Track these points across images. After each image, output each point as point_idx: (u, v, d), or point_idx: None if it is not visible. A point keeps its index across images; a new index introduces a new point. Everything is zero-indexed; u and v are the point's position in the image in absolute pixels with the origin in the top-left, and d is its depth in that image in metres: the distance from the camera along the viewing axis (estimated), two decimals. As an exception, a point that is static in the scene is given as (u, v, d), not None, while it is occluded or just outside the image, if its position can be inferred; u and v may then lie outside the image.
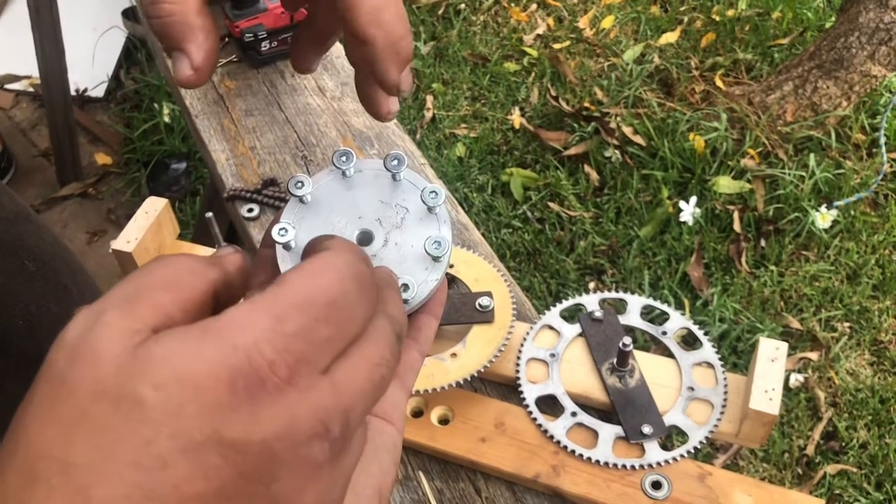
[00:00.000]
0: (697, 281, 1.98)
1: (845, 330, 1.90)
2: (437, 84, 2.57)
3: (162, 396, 0.24)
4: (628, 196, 2.15)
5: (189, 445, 0.23)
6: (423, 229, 0.41)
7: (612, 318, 0.85)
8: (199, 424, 0.23)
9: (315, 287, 0.27)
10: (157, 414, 0.23)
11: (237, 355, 0.24)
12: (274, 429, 0.24)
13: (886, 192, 2.14)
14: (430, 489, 0.76)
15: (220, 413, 0.24)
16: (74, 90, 2.65)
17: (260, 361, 0.25)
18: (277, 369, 0.25)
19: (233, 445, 0.24)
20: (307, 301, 0.27)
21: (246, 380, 0.24)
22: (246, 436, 0.24)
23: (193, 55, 0.36)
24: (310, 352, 0.26)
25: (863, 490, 1.65)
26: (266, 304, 0.26)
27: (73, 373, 0.25)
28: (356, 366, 0.28)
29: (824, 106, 2.19)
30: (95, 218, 2.45)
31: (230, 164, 1.09)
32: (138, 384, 0.24)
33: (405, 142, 1.11)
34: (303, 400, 0.25)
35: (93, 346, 0.25)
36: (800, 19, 2.59)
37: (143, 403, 0.23)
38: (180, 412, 0.23)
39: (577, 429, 0.78)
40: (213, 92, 1.20)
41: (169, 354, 0.24)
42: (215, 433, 0.24)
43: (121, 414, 0.23)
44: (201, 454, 0.23)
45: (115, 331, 0.25)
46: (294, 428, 0.25)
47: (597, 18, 2.74)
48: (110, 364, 0.24)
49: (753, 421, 0.73)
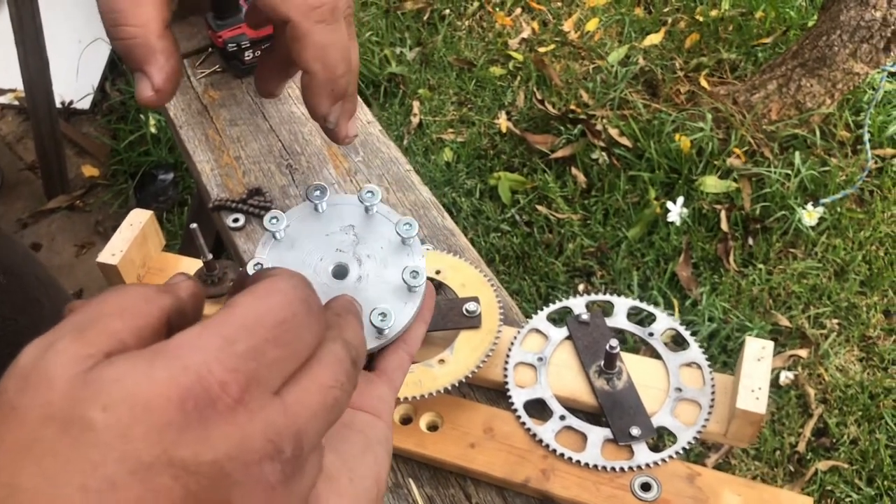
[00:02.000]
0: (686, 281, 1.99)
1: (834, 326, 1.91)
2: (424, 89, 2.58)
3: (111, 418, 0.23)
4: (616, 197, 2.16)
5: (138, 467, 0.23)
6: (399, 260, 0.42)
7: (598, 320, 0.85)
8: (147, 445, 0.23)
9: (264, 308, 0.28)
10: (106, 436, 0.23)
11: (187, 375, 0.24)
12: (225, 449, 0.24)
13: (872, 189, 2.16)
14: (419, 496, 0.76)
15: (170, 433, 0.24)
16: (60, 102, 2.64)
17: (210, 381, 0.25)
18: (228, 389, 0.25)
19: (183, 466, 0.24)
20: (256, 322, 0.27)
21: (196, 400, 0.24)
22: (196, 456, 0.24)
23: (154, 77, 0.37)
24: (260, 372, 0.26)
25: (854, 486, 1.65)
26: (216, 326, 0.26)
27: (23, 399, 0.24)
28: (307, 389, 0.28)
29: (808, 104, 2.20)
30: (83, 230, 2.44)
31: (215, 175, 1.09)
32: (88, 407, 0.24)
33: (390, 148, 1.11)
34: (254, 420, 0.25)
35: (44, 372, 0.25)
36: (783, 18, 2.60)
37: (92, 426, 0.23)
38: (129, 433, 0.23)
39: (566, 432, 0.78)
40: (197, 102, 1.20)
41: (119, 376, 0.24)
42: (164, 454, 0.23)
43: (69, 437, 0.23)
44: (151, 475, 0.23)
45: (66, 356, 0.25)
46: (245, 448, 0.25)
47: (581, 21, 2.75)
48: (61, 388, 0.24)
49: (741, 420, 0.74)
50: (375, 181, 1.06)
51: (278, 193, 1.06)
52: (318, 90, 0.40)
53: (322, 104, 0.40)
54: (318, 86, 0.39)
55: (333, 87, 0.40)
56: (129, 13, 0.36)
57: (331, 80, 0.39)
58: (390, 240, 0.43)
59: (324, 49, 0.39)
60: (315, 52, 0.38)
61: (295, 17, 0.38)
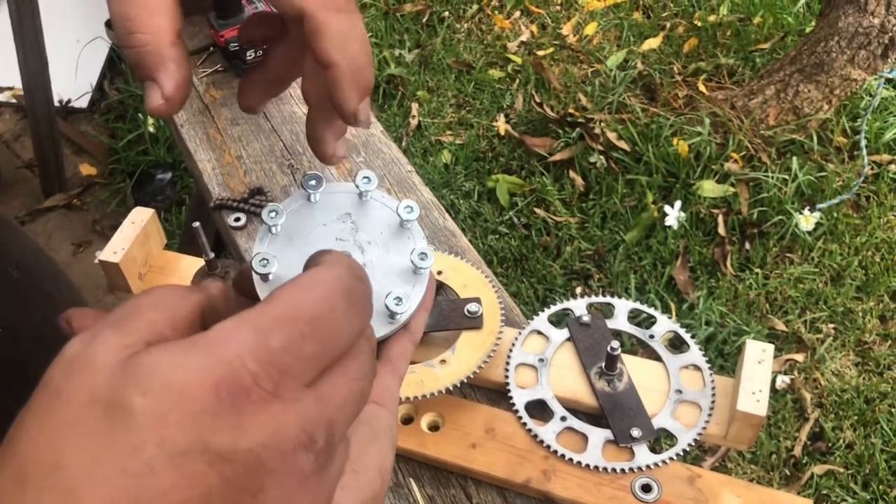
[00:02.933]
0: (683, 284, 2.00)
1: (830, 331, 1.92)
2: (422, 91, 2.58)
3: (148, 404, 0.24)
4: (613, 201, 2.16)
5: (175, 452, 0.24)
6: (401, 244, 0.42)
7: (599, 322, 0.85)
8: (183, 431, 0.24)
9: (302, 303, 0.28)
10: (145, 421, 0.24)
11: (221, 366, 0.25)
12: (260, 437, 0.25)
13: (868, 194, 2.16)
14: (420, 496, 0.76)
15: (205, 420, 0.24)
16: (58, 101, 2.63)
17: (244, 373, 0.25)
18: (260, 381, 0.25)
19: (218, 453, 0.24)
20: (293, 316, 0.27)
21: (230, 389, 0.25)
22: (231, 443, 0.24)
23: (165, 85, 0.36)
24: (294, 366, 0.26)
25: (850, 490, 1.66)
26: (252, 319, 0.27)
27: (68, 384, 0.25)
28: (338, 381, 0.28)
29: (806, 110, 2.21)
30: (80, 229, 2.44)
31: (216, 174, 1.09)
32: (128, 392, 0.24)
33: (391, 149, 1.11)
34: (288, 410, 0.26)
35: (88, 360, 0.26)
36: (780, 24, 2.61)
37: (131, 410, 0.24)
38: (166, 419, 0.24)
39: (567, 433, 0.78)
40: (199, 101, 1.20)
41: (157, 364, 0.25)
42: (200, 440, 0.24)
43: (110, 420, 0.24)
44: (187, 461, 0.24)
45: (108, 345, 0.26)
46: (280, 437, 0.25)
47: (580, 25, 2.75)
48: (103, 374, 0.25)
49: (741, 422, 0.74)
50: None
51: (280, 193, 1.06)
52: (345, 83, 0.38)
53: (351, 98, 0.39)
54: (343, 78, 0.38)
55: (359, 79, 0.38)
56: (142, 21, 0.36)
57: (356, 71, 0.38)
58: (389, 224, 0.42)
59: (344, 38, 0.38)
60: (336, 41, 0.37)
61: (310, 8, 0.37)
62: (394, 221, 0.42)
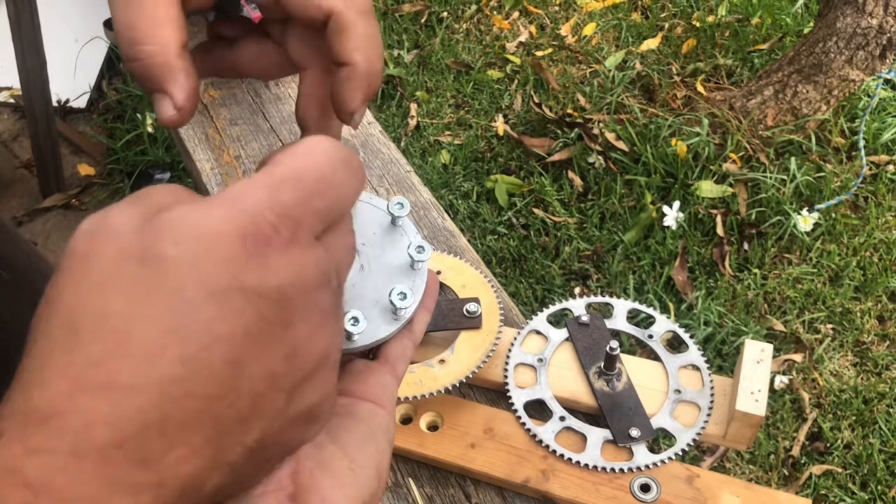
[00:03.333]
0: (682, 285, 2.00)
1: (828, 331, 1.92)
2: (421, 92, 2.58)
3: (182, 250, 0.26)
4: (612, 201, 2.16)
5: (214, 290, 0.25)
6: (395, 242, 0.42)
7: (598, 322, 0.85)
8: (219, 272, 0.26)
9: (307, 164, 0.30)
10: (181, 265, 0.25)
11: (242, 217, 0.27)
12: (287, 276, 0.27)
13: (866, 195, 2.17)
14: (419, 496, 0.76)
15: (237, 263, 0.26)
16: (56, 101, 2.63)
17: (264, 223, 0.27)
18: (279, 230, 0.27)
19: (253, 290, 0.26)
20: (300, 176, 0.29)
21: (254, 237, 0.27)
22: (262, 282, 0.26)
23: (176, 96, 0.37)
24: (306, 218, 0.28)
25: (848, 490, 1.66)
26: (262, 179, 0.29)
27: (95, 247, 0.27)
28: (339, 234, 0.31)
29: (804, 110, 2.22)
30: (78, 229, 2.43)
31: (215, 174, 1.09)
32: (159, 244, 0.26)
33: (390, 149, 1.11)
34: (306, 255, 0.28)
35: (109, 226, 0.27)
36: (779, 25, 2.62)
37: (166, 258, 0.26)
38: (201, 263, 0.26)
39: (566, 433, 0.78)
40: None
41: (181, 218, 0.27)
42: (235, 279, 0.26)
43: (147, 269, 0.26)
44: (226, 298, 0.26)
45: (127, 211, 0.28)
46: (303, 277, 0.27)
47: (578, 26, 2.76)
48: (130, 232, 0.27)
49: (740, 422, 0.74)
50: (375, 182, 1.06)
51: (278, 193, 1.06)
52: (357, 83, 0.39)
53: (356, 98, 0.39)
54: (357, 78, 0.38)
55: (371, 82, 0.39)
56: (149, 33, 0.36)
57: (370, 74, 0.39)
58: (381, 224, 0.42)
59: (367, 40, 0.38)
60: (359, 42, 0.38)
61: (339, 7, 0.38)
62: (385, 220, 0.42)
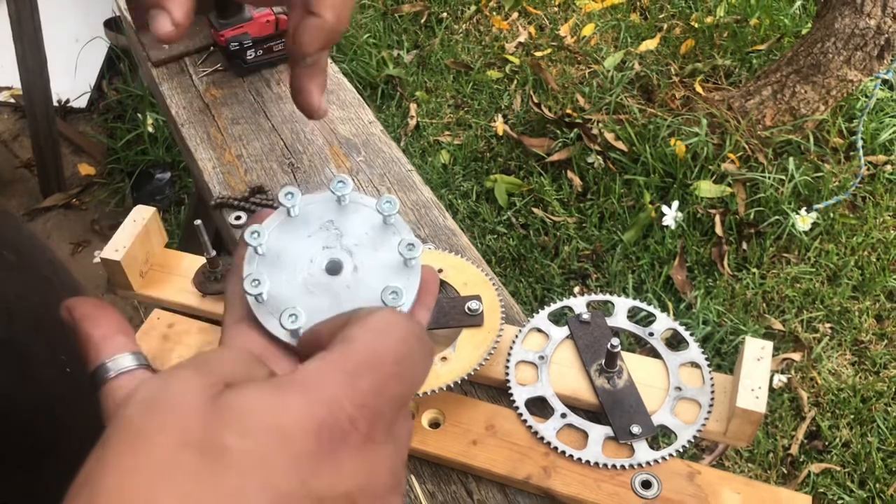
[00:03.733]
0: (680, 284, 2.00)
1: (826, 331, 1.92)
2: (421, 92, 2.58)
3: (249, 445, 0.23)
4: (611, 201, 2.17)
5: (279, 496, 0.23)
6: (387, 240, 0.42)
7: (599, 320, 0.86)
8: (287, 475, 0.23)
9: (386, 345, 0.28)
10: (246, 463, 0.23)
11: (320, 408, 0.25)
12: (357, 482, 0.25)
13: (864, 195, 2.17)
14: (422, 492, 0.77)
15: (308, 464, 0.24)
16: (57, 101, 2.63)
17: (341, 416, 0.25)
18: (357, 424, 0.25)
19: (319, 497, 0.24)
20: (380, 358, 0.27)
21: (330, 432, 0.25)
22: (332, 488, 0.24)
23: (175, 12, 0.37)
24: (383, 408, 0.27)
25: (846, 488, 1.67)
26: (338, 361, 0.27)
27: (152, 424, 0.24)
28: (407, 419, 0.29)
29: (802, 110, 2.22)
30: (79, 229, 2.44)
31: (217, 173, 1.09)
32: (224, 433, 0.24)
33: (391, 148, 1.11)
34: (380, 454, 0.26)
35: (171, 399, 0.25)
36: (777, 25, 2.62)
37: (230, 452, 0.23)
38: (268, 462, 0.23)
39: (567, 430, 0.78)
40: (199, 101, 1.20)
41: (252, 404, 0.24)
42: (304, 485, 0.24)
43: (208, 462, 0.23)
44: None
45: (191, 384, 0.25)
46: (374, 482, 0.26)
47: (577, 26, 2.76)
48: (193, 414, 0.24)
49: (740, 419, 0.75)
50: (377, 180, 1.07)
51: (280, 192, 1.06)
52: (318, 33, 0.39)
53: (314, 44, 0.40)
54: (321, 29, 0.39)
55: (331, 38, 0.40)
56: None
57: (333, 31, 0.39)
58: (372, 223, 0.42)
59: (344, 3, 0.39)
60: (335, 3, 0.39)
61: None
62: (377, 220, 0.43)
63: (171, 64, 1.27)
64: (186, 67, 1.26)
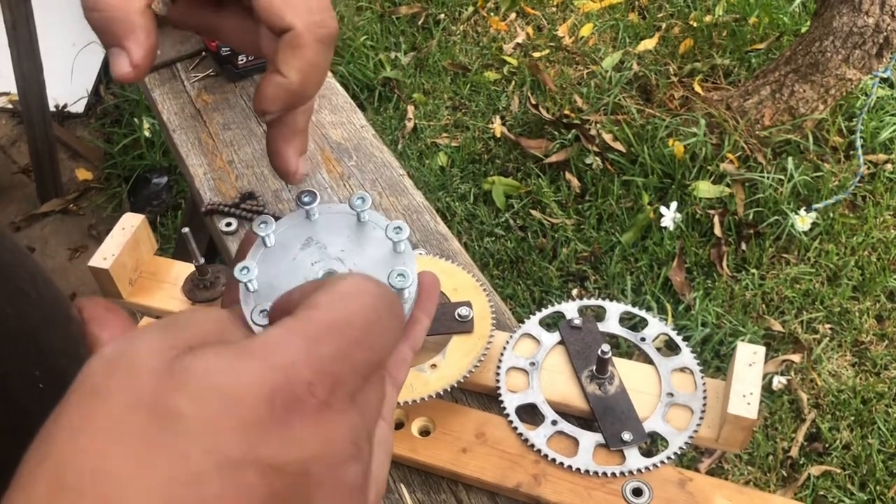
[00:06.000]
0: (679, 285, 1.99)
1: (826, 331, 1.91)
2: (418, 94, 2.58)
3: (200, 409, 0.23)
4: (609, 202, 2.16)
5: (224, 462, 0.23)
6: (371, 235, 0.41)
7: (591, 325, 0.85)
8: (235, 441, 0.23)
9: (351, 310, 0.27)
10: (194, 427, 0.23)
11: (275, 374, 0.24)
12: (312, 450, 0.24)
13: (864, 194, 2.16)
14: (411, 501, 0.76)
15: (258, 430, 0.24)
16: (54, 106, 2.63)
17: (298, 381, 0.25)
18: (315, 390, 0.25)
19: (270, 464, 0.24)
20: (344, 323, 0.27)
21: (284, 398, 0.24)
22: (283, 455, 0.24)
23: (133, 52, 0.36)
24: (345, 375, 0.26)
25: (847, 490, 1.66)
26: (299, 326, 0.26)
27: (108, 384, 0.24)
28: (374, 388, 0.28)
29: (801, 109, 2.21)
30: (76, 234, 2.43)
31: (208, 178, 1.09)
32: (176, 396, 0.24)
33: (383, 153, 1.11)
34: (339, 422, 0.25)
35: (130, 360, 0.25)
36: (776, 24, 2.61)
37: (180, 416, 0.23)
38: (217, 427, 0.23)
39: (558, 437, 0.78)
40: (191, 106, 1.19)
41: (206, 368, 0.24)
42: (252, 450, 0.23)
43: (157, 425, 0.23)
44: (237, 472, 0.23)
45: (153, 346, 0.25)
46: (331, 450, 0.25)
47: (575, 27, 2.75)
48: (148, 375, 0.24)
49: (732, 425, 0.74)
50: (368, 185, 1.06)
51: (271, 197, 1.06)
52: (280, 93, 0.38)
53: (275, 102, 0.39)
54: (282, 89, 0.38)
55: (294, 100, 0.39)
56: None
57: (299, 96, 0.39)
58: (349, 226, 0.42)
59: (312, 67, 0.38)
60: (303, 65, 0.38)
61: (300, 27, 0.37)
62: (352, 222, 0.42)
63: (162, 70, 1.26)
64: (178, 73, 1.26)
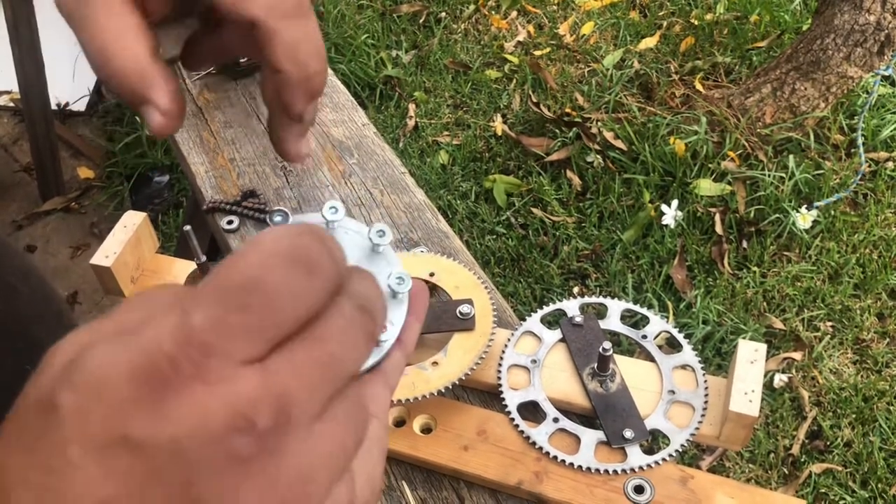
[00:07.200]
0: (680, 283, 1.99)
1: (828, 329, 1.91)
2: (419, 92, 2.58)
3: (76, 399, 0.24)
4: (610, 200, 2.16)
5: (96, 447, 0.23)
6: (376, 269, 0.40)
7: (592, 323, 0.85)
8: (104, 425, 0.23)
9: (235, 270, 0.25)
10: (68, 417, 0.24)
11: (135, 353, 0.24)
12: (183, 425, 0.23)
13: (865, 192, 2.16)
14: (413, 499, 0.76)
15: (126, 412, 0.23)
16: (55, 104, 2.63)
17: (160, 358, 0.24)
18: (178, 365, 0.23)
19: (140, 445, 0.23)
20: (220, 287, 0.25)
21: (146, 377, 0.23)
22: (154, 434, 0.23)
23: (159, 102, 0.36)
24: (220, 343, 0.24)
25: (848, 488, 1.66)
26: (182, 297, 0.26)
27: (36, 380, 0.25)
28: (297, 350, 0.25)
29: (802, 107, 2.21)
30: (78, 232, 2.44)
31: (209, 177, 1.09)
32: (60, 389, 0.24)
33: (385, 151, 1.11)
34: (214, 393, 0.23)
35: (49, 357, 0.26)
36: (777, 22, 2.61)
37: (59, 407, 0.24)
38: (88, 414, 0.23)
39: (560, 434, 0.78)
40: (192, 104, 1.20)
41: (89, 356, 0.24)
42: (120, 432, 0.23)
43: (42, 419, 0.24)
44: (108, 455, 0.23)
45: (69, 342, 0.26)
46: (205, 424, 0.23)
47: (577, 25, 2.75)
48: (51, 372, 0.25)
49: (734, 423, 0.74)
50: (370, 183, 1.06)
51: (273, 195, 1.06)
52: (293, 89, 0.38)
53: (297, 103, 0.39)
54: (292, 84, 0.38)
55: (308, 86, 0.38)
56: (115, 46, 0.35)
57: (305, 79, 0.38)
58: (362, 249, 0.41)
59: (295, 46, 0.37)
60: (285, 50, 0.37)
61: (259, 16, 0.36)
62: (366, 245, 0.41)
63: (164, 67, 1.26)
64: (180, 71, 1.26)
